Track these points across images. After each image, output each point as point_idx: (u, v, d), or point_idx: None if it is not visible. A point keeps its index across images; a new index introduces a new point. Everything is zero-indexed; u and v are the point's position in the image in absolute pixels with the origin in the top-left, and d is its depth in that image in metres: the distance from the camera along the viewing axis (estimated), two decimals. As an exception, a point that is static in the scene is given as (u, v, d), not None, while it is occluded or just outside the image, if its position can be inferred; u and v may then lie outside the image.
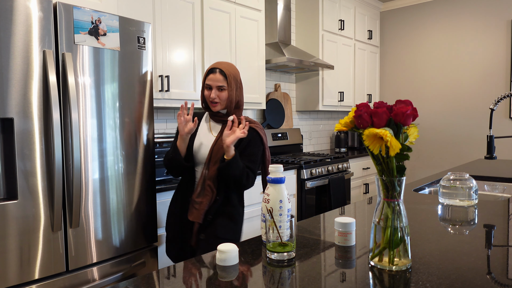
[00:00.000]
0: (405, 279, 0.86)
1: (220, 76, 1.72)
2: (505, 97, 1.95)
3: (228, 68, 1.74)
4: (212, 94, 1.72)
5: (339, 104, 4.35)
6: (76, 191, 1.60)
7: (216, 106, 1.75)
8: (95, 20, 1.67)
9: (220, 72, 1.72)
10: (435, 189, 2.09)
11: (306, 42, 4.14)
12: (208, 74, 1.74)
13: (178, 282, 0.88)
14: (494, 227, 1.27)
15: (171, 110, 3.05)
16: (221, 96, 1.74)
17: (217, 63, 1.76)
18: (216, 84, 1.72)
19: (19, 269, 1.48)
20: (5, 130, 1.47)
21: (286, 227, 1.01)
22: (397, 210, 0.90)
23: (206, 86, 1.75)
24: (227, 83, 1.73)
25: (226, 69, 1.73)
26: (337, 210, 1.52)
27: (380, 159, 0.89)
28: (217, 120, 1.81)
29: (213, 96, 1.72)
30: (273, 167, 1.08)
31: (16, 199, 1.47)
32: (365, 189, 4.28)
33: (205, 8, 2.80)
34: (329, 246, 1.09)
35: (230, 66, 1.75)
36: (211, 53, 2.87)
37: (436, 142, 4.74)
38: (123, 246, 1.82)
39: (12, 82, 1.45)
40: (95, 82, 1.69)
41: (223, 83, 1.72)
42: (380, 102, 0.88)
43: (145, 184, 1.91)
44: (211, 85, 1.73)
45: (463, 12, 4.49)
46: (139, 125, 1.88)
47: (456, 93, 4.58)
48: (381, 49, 5.11)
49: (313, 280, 0.85)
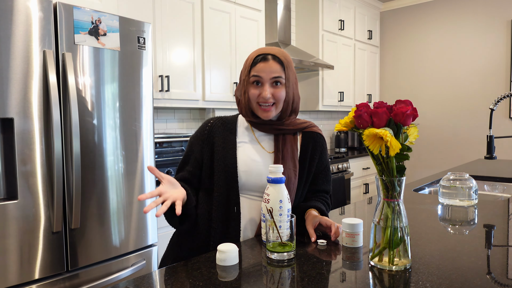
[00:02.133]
0: (405, 279, 0.86)
1: (276, 65, 1.18)
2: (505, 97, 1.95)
3: (283, 54, 1.21)
4: (265, 92, 1.17)
5: (339, 104, 4.35)
6: (76, 191, 1.60)
7: (270, 112, 1.20)
8: (95, 20, 1.67)
9: (274, 59, 1.18)
10: (435, 189, 2.09)
11: (306, 42, 4.14)
12: (254, 63, 1.19)
13: (178, 282, 0.88)
14: (494, 227, 1.27)
15: (171, 110, 3.04)
16: (278, 95, 1.19)
17: (264, 49, 1.21)
18: (270, 76, 1.17)
19: (19, 269, 1.48)
20: (5, 130, 1.47)
21: (286, 227, 1.01)
22: (397, 210, 0.90)
23: (253, 81, 1.19)
24: (285, 75, 1.20)
25: (282, 55, 1.20)
26: (337, 210, 1.52)
27: (380, 159, 0.89)
28: (268, 129, 1.25)
29: (267, 95, 1.17)
30: (273, 167, 1.07)
31: (16, 199, 1.47)
32: (365, 189, 4.28)
33: (205, 8, 2.80)
34: (330, 245, 1.09)
35: (282, 51, 1.23)
36: (211, 53, 2.87)
37: (436, 142, 4.74)
38: (123, 246, 1.82)
39: (12, 82, 1.45)
40: (95, 82, 1.69)
41: (281, 74, 1.18)
42: (380, 102, 0.88)
43: (145, 184, 1.91)
44: (263, 78, 1.18)
45: (463, 12, 4.48)
46: (139, 125, 1.88)
47: (456, 93, 4.58)
48: (381, 49, 5.11)
49: (313, 280, 0.85)
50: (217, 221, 1.19)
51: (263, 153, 1.24)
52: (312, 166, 1.27)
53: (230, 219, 1.18)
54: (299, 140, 1.28)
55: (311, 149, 1.27)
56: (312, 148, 1.27)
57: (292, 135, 1.26)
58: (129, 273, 1.83)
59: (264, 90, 1.17)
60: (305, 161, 1.26)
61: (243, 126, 1.29)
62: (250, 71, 1.19)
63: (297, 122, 1.29)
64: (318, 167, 1.29)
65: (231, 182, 1.19)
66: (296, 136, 1.28)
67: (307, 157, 1.26)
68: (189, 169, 1.25)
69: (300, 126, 1.28)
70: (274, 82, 1.18)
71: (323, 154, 1.30)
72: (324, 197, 1.30)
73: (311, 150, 1.27)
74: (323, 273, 0.90)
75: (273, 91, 1.18)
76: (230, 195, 1.19)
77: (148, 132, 1.92)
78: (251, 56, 1.22)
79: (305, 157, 1.26)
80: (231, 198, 1.19)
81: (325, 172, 1.30)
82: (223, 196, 1.19)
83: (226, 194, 1.19)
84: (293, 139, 1.26)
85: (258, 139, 1.26)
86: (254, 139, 1.26)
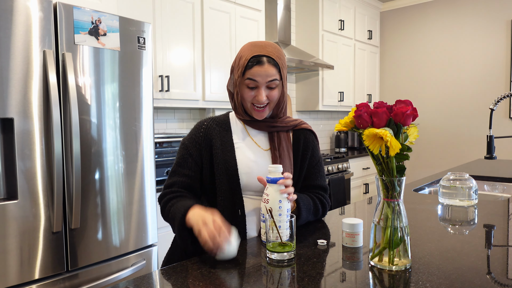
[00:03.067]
0: (405, 279, 0.86)
1: (272, 69, 1.15)
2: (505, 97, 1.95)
3: (277, 53, 1.18)
4: (260, 96, 1.15)
5: (339, 104, 4.35)
6: (76, 191, 1.60)
7: (263, 112, 1.19)
8: (95, 20, 1.67)
9: (269, 62, 1.15)
10: (435, 189, 2.09)
11: (306, 42, 4.14)
12: (250, 65, 1.15)
13: (178, 282, 0.88)
14: (494, 227, 1.27)
15: (171, 110, 3.04)
16: (273, 97, 1.18)
17: (258, 47, 1.16)
18: (266, 80, 1.15)
19: (19, 269, 1.48)
20: (5, 130, 1.47)
21: (285, 227, 1.01)
22: (397, 210, 0.90)
23: (248, 83, 1.16)
24: (281, 76, 1.18)
25: (277, 55, 1.17)
26: (337, 210, 1.52)
27: (380, 159, 0.89)
28: (261, 126, 1.25)
29: (262, 98, 1.15)
30: (272, 167, 1.07)
31: (16, 199, 1.47)
32: (365, 189, 4.28)
33: (205, 8, 2.80)
34: (330, 245, 1.09)
35: (276, 49, 1.19)
36: (211, 53, 2.87)
37: (436, 142, 4.74)
38: (123, 246, 1.82)
39: (12, 82, 1.45)
40: (95, 82, 1.69)
41: (276, 76, 1.16)
42: (380, 102, 0.88)
43: (145, 184, 1.91)
44: (258, 82, 1.15)
45: (463, 12, 4.48)
46: (139, 125, 1.88)
47: (456, 93, 4.58)
48: (381, 49, 5.11)
49: (313, 280, 0.85)
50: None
51: (260, 152, 1.24)
52: (304, 163, 1.27)
53: (235, 221, 1.17)
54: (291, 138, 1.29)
55: (303, 146, 1.28)
56: (304, 145, 1.28)
57: (285, 132, 1.27)
58: (129, 273, 1.83)
59: (260, 94, 1.16)
60: (297, 158, 1.26)
61: (236, 124, 1.28)
62: (244, 73, 1.16)
63: (289, 120, 1.29)
64: (310, 162, 1.28)
65: (233, 184, 1.18)
66: (289, 134, 1.28)
67: (299, 154, 1.27)
68: (188, 173, 1.22)
69: (291, 123, 1.29)
70: (269, 85, 1.17)
71: (314, 150, 1.30)
72: (320, 195, 1.28)
73: (303, 147, 1.28)
74: (323, 273, 0.90)
75: (268, 93, 1.17)
76: (234, 198, 1.18)
77: (148, 132, 1.92)
78: (244, 54, 1.17)
79: (297, 154, 1.26)
80: (235, 201, 1.18)
81: (317, 167, 1.29)
82: (227, 200, 1.18)
83: (229, 197, 1.18)
84: (287, 136, 1.26)
85: (253, 137, 1.26)
86: (249, 138, 1.25)
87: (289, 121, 1.28)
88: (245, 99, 1.19)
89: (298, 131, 1.30)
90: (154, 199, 1.97)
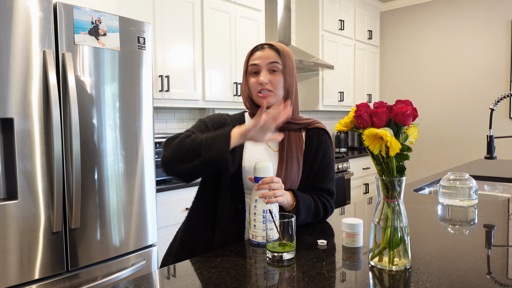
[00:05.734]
0: (405, 279, 0.86)
1: (272, 52, 1.21)
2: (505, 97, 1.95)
3: (280, 44, 1.25)
4: (261, 77, 1.18)
5: (339, 104, 4.35)
6: (76, 191, 1.60)
7: (268, 96, 1.19)
8: (95, 20, 1.67)
9: (270, 47, 1.22)
10: (435, 189, 2.09)
11: (306, 42, 4.14)
12: (252, 53, 1.23)
13: (178, 282, 0.88)
14: (494, 227, 1.27)
15: (171, 110, 3.04)
16: (275, 81, 1.19)
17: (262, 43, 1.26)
18: (266, 62, 1.19)
19: (19, 269, 1.48)
20: (5, 130, 1.47)
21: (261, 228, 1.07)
22: (397, 210, 0.90)
23: (251, 70, 1.21)
24: (282, 62, 1.21)
25: (279, 45, 1.24)
26: (337, 210, 1.52)
27: (380, 159, 0.89)
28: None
29: (263, 78, 1.18)
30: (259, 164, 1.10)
31: (16, 199, 1.47)
32: (365, 189, 4.28)
33: (205, 8, 2.80)
34: (330, 246, 1.09)
35: (282, 44, 1.26)
36: (211, 53, 2.87)
37: (436, 142, 4.74)
38: (123, 246, 1.82)
39: (12, 82, 1.45)
40: (95, 82, 1.69)
41: (276, 59, 1.20)
42: (380, 102, 0.88)
43: (145, 184, 1.91)
44: (259, 64, 1.19)
45: (463, 12, 4.48)
46: (139, 125, 1.88)
47: (456, 93, 4.58)
48: (381, 49, 5.11)
49: (313, 280, 0.85)
50: (222, 218, 1.18)
51: (269, 152, 1.23)
52: (314, 164, 1.25)
53: (234, 217, 1.18)
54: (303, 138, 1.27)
55: (315, 146, 1.26)
56: (316, 145, 1.26)
57: (297, 132, 1.25)
58: (129, 273, 1.83)
59: (261, 75, 1.19)
60: (308, 158, 1.24)
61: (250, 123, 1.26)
62: (248, 61, 1.22)
63: (301, 118, 1.27)
64: (321, 164, 1.26)
65: (236, 180, 1.19)
66: (301, 133, 1.26)
67: (311, 155, 1.25)
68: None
69: (304, 122, 1.27)
70: (271, 70, 1.19)
71: (326, 151, 1.27)
72: (324, 198, 1.26)
73: (315, 147, 1.25)
74: (323, 273, 0.90)
75: (270, 78, 1.19)
76: (235, 193, 1.19)
77: (148, 132, 1.92)
78: (250, 50, 1.25)
79: (309, 154, 1.24)
80: (236, 196, 1.19)
81: (327, 169, 1.27)
82: (228, 194, 1.19)
83: (231, 192, 1.19)
84: (298, 136, 1.25)
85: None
86: None
87: (302, 120, 1.27)
88: (251, 87, 1.21)
89: (311, 130, 1.28)
90: (154, 199, 1.97)
